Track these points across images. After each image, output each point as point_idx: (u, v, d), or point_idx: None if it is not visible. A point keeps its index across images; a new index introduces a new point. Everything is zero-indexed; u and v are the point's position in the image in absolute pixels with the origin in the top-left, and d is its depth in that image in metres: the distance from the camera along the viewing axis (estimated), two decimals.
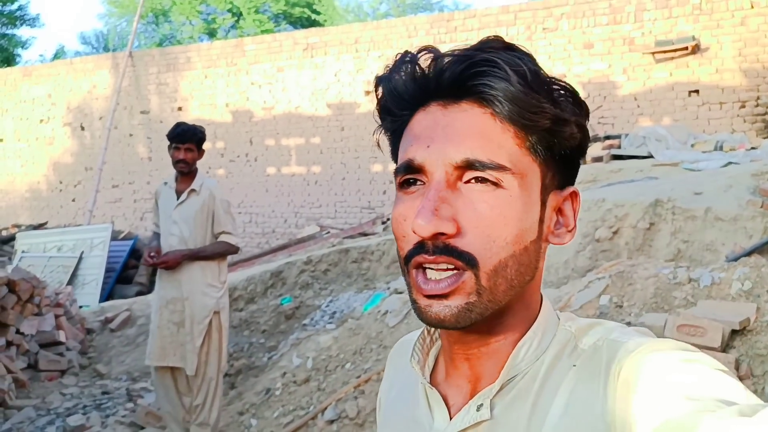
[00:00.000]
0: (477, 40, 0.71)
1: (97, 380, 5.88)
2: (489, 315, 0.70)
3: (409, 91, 0.73)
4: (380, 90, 0.76)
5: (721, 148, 8.16)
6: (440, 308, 0.68)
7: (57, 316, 6.12)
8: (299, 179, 12.96)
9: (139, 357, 6.40)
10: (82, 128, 15.07)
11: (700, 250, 5.79)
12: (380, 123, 0.79)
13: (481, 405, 0.71)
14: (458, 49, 0.70)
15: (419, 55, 0.72)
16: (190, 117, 12.96)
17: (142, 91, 14.22)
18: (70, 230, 11.21)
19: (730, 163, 7.42)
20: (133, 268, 10.56)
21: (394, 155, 0.78)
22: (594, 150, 9.54)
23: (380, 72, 0.76)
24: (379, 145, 0.80)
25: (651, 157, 8.12)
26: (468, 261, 0.67)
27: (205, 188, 4.19)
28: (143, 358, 6.50)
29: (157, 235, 4.28)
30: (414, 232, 0.67)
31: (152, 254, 4.05)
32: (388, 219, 10.68)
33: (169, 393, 4.18)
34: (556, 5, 10.59)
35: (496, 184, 0.68)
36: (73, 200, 15.17)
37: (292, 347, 5.64)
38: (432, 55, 0.71)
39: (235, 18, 25.21)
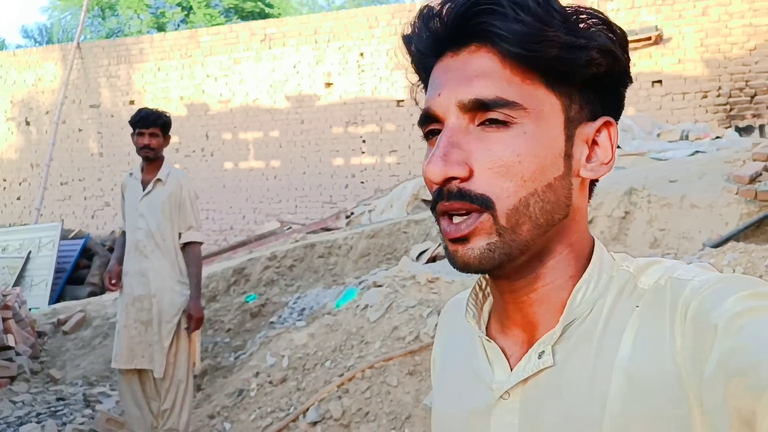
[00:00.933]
0: None
1: (51, 386, 5.52)
2: (525, 257, 0.70)
3: (427, 44, 0.73)
4: (406, 49, 0.77)
5: (686, 138, 8.17)
6: (464, 251, 0.68)
7: (5, 319, 5.72)
8: (258, 174, 12.61)
9: (95, 360, 6.05)
10: (27, 123, 14.41)
11: (677, 238, 5.73)
12: (420, 80, 0.80)
13: (543, 352, 0.70)
14: None
15: (436, 4, 0.72)
16: None
17: (91, 84, 13.65)
18: (15, 230, 10.70)
19: (697, 152, 7.41)
20: (84, 268, 10.11)
21: None
22: None
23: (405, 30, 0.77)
24: (416, 102, 0.78)
25: (618, 147, 8.07)
26: (482, 202, 0.67)
27: (173, 178, 3.93)
28: (100, 361, 6.18)
29: (123, 240, 4.01)
30: (428, 179, 0.69)
31: (113, 281, 3.90)
32: (352, 213, 10.45)
33: (136, 397, 3.89)
34: None
35: (508, 123, 0.67)
36: (18, 198, 14.49)
37: (262, 346, 5.37)
38: (446, 2, 0.70)
39: (185, 12, 24.59)
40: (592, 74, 0.69)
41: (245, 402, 4.03)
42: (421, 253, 6.76)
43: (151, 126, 3.84)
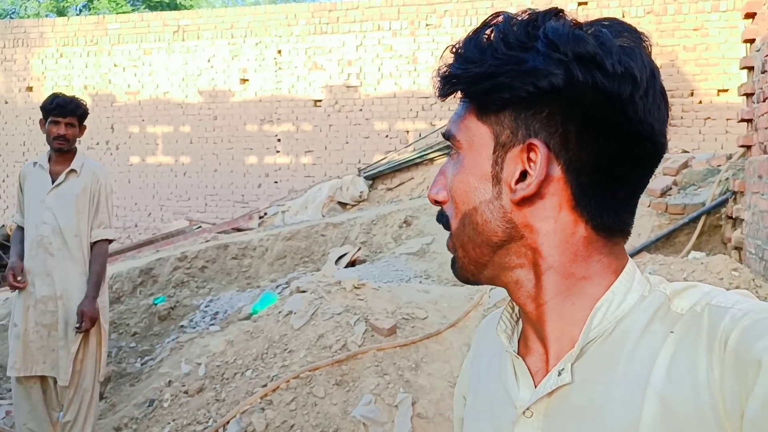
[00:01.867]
0: (360, 32, 1.10)
1: None
2: (489, 273, 0.76)
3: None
4: None
5: None
6: (453, 265, 0.80)
7: None
8: (166, 170, 12.11)
9: None
10: None
11: None
12: None
13: (563, 369, 0.71)
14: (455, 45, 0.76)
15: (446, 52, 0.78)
16: (42, 98, 11.72)
17: None
18: None
19: None
20: None
21: None
22: None
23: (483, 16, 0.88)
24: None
25: None
26: (445, 224, 0.78)
27: (88, 169, 3.65)
28: None
29: (20, 235, 3.66)
30: None
31: (19, 278, 3.54)
32: (265, 214, 10.19)
33: (36, 408, 3.57)
34: (439, 2, 10.57)
35: (453, 155, 0.78)
36: None
37: (174, 351, 5.10)
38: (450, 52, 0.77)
39: None
40: (505, 100, 0.71)
41: (157, 413, 3.77)
42: (341, 257, 6.63)
43: (68, 115, 3.56)
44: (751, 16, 5.03)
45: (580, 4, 9.93)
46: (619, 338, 0.70)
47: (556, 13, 0.73)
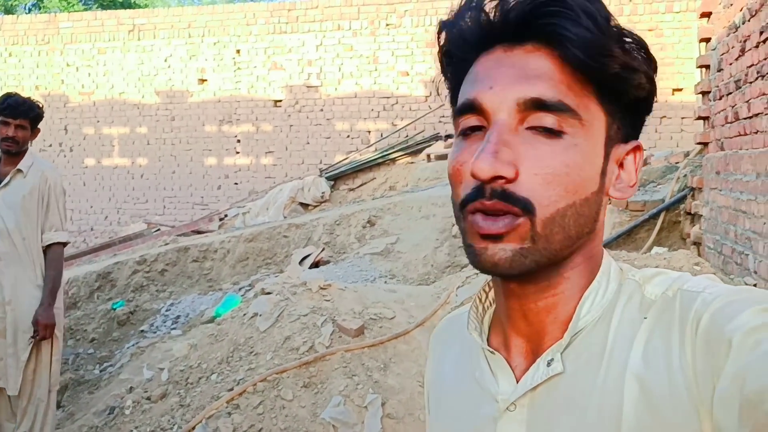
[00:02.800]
0: (319, 31, 0.60)
1: None
2: (546, 266, 0.69)
3: (474, 35, 0.71)
4: (443, 35, 0.74)
5: None
6: (495, 250, 0.67)
7: None
8: (122, 172, 11.86)
9: None
10: None
11: None
12: (442, 69, 0.78)
13: (552, 360, 0.69)
14: None
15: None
16: None
17: None
18: None
19: None
20: None
21: (454, 103, 0.76)
22: (438, 148, 9.62)
23: (444, 17, 0.74)
24: (438, 92, 0.79)
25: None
26: (524, 207, 0.66)
27: (36, 170, 3.52)
28: None
29: None
30: (473, 175, 0.66)
31: None
32: (225, 215, 10.04)
33: None
34: (399, 2, 10.57)
35: (559, 132, 0.66)
36: None
37: (134, 357, 4.97)
38: None
39: None
40: (635, 97, 0.70)
41: (118, 421, 3.66)
42: (304, 258, 6.57)
43: (19, 117, 3.44)
44: (706, 15, 5.13)
45: None
46: (603, 329, 0.70)
47: None
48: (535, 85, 0.66)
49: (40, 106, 3.60)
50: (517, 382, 0.72)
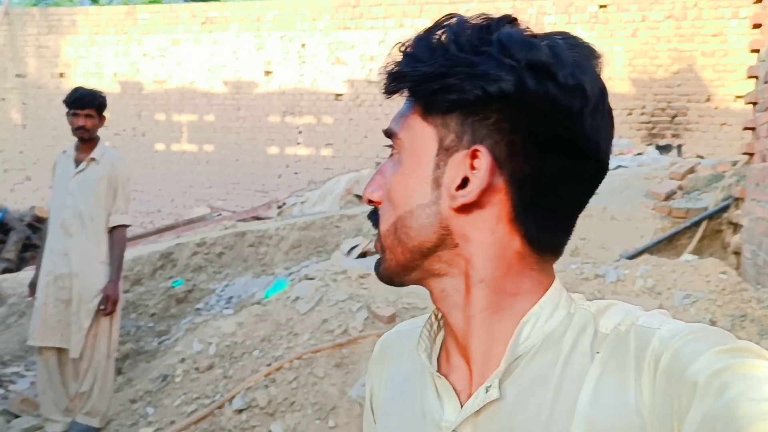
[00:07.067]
0: (382, 28, 0.78)
1: None
2: (416, 276, 0.74)
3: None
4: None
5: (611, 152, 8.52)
6: (377, 263, 0.76)
7: None
8: (190, 158, 12.42)
9: (10, 339, 5.87)
10: None
11: (596, 248, 6.01)
12: None
13: (490, 386, 0.68)
14: (404, 44, 0.72)
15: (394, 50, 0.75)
16: (73, 84, 12.05)
17: (18, 52, 13.12)
18: None
19: (619, 166, 7.75)
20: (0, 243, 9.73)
21: None
22: None
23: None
24: None
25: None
26: (375, 223, 0.76)
27: (107, 159, 3.91)
28: (15, 340, 5.99)
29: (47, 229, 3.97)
30: None
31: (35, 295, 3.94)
32: (284, 204, 10.43)
33: (53, 378, 3.83)
34: (461, 1, 10.71)
35: (393, 153, 0.74)
36: None
37: (188, 332, 5.34)
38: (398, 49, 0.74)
39: None
40: (452, 102, 0.68)
41: (169, 387, 4.02)
42: (353, 248, 6.84)
43: (86, 107, 3.81)
44: (758, 26, 5.14)
45: (600, 6, 10.02)
46: (550, 357, 0.68)
47: (512, 20, 0.71)
48: (392, 120, 0.76)
49: (103, 95, 3.96)
50: (462, 407, 0.71)
